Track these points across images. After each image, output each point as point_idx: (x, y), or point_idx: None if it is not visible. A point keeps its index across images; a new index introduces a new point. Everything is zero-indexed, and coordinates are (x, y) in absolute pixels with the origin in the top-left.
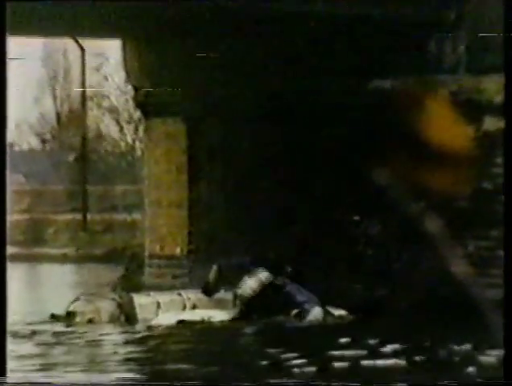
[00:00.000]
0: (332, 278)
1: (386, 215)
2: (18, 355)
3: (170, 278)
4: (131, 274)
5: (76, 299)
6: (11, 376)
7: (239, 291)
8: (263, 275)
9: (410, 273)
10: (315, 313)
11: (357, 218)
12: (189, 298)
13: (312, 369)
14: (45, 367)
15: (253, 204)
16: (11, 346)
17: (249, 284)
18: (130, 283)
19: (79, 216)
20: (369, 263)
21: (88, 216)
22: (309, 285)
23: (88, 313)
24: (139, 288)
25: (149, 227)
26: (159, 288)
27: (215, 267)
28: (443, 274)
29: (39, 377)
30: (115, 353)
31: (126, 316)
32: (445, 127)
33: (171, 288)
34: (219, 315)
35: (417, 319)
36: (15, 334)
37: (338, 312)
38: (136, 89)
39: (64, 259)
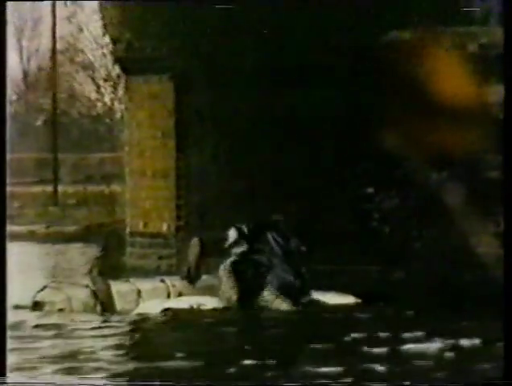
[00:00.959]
0: (340, 259)
1: (404, 186)
2: None
3: (155, 259)
4: (110, 255)
5: (44, 287)
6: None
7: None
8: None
9: (433, 253)
10: (266, 299)
11: (370, 190)
12: (174, 285)
13: None
14: None
15: (250, 174)
16: None
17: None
18: (109, 265)
19: (49, 188)
20: (384, 242)
21: (60, 188)
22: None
23: (57, 303)
24: (119, 270)
25: (130, 201)
26: (143, 270)
27: (195, 242)
28: (471, 256)
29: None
30: None
31: (102, 305)
32: (474, 86)
33: (156, 271)
34: (211, 302)
35: (438, 309)
36: None
37: (337, 299)
38: (115, 42)
39: (31, 237)
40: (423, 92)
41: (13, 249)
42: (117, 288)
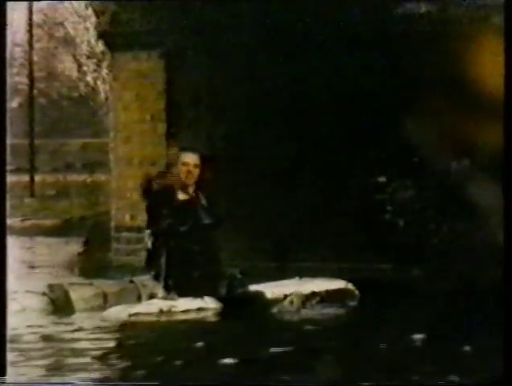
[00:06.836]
0: (349, 256)
1: (421, 175)
2: None
3: (144, 256)
4: (93, 251)
5: None
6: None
7: None
8: None
9: (453, 249)
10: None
11: (382, 179)
12: (145, 286)
13: None
14: None
15: (248, 161)
16: None
17: None
18: (92, 262)
19: (25, 178)
20: (398, 237)
21: (37, 178)
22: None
23: (10, 315)
24: (104, 268)
25: (116, 191)
26: (130, 268)
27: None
28: (495, 252)
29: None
30: None
31: (60, 313)
32: (500, 63)
33: (145, 268)
34: (184, 304)
35: (458, 311)
36: None
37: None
38: (98, 14)
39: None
40: (443, 70)
41: None
42: (78, 293)
